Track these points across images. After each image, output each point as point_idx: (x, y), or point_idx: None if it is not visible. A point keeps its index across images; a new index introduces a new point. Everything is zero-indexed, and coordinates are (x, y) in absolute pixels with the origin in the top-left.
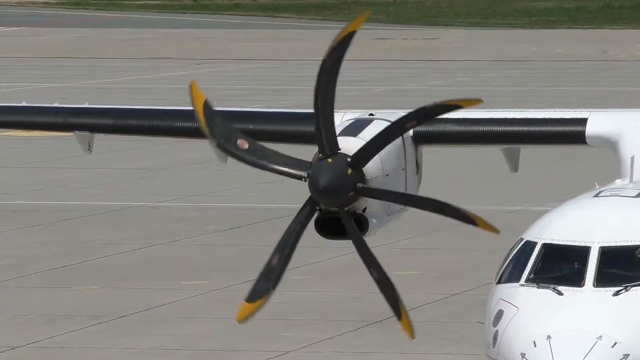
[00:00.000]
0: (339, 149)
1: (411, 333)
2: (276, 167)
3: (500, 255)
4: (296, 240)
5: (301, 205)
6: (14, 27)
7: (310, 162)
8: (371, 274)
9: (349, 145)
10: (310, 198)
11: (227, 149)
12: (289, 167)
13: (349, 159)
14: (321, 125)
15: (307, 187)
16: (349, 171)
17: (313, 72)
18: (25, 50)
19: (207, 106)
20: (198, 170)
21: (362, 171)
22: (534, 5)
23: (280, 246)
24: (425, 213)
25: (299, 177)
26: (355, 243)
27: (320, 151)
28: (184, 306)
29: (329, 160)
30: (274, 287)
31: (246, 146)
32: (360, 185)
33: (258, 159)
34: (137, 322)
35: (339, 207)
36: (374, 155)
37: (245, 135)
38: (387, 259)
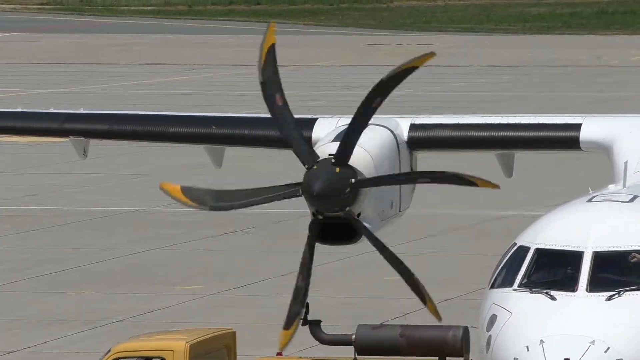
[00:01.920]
0: (332, 154)
1: (438, 315)
2: (271, 197)
3: (494, 260)
4: (311, 257)
5: (295, 209)
6: (8, 32)
7: (300, 182)
8: (393, 266)
9: (332, 150)
10: (313, 213)
11: (222, 207)
12: (282, 191)
13: (333, 160)
14: (293, 142)
15: (305, 202)
16: (337, 170)
17: (308, 76)
18: (20, 56)
19: (184, 190)
20: (193, 175)
21: (351, 167)
22: (527, 11)
23: (301, 267)
24: (421, 219)
25: (294, 195)
26: (369, 239)
27: (303, 162)
28: (178, 311)
29: (315, 167)
30: (302, 306)
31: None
32: (353, 180)
33: (252, 199)
34: (132, 327)
35: (340, 208)
36: (354, 145)
37: (227, 192)
38: (382, 263)
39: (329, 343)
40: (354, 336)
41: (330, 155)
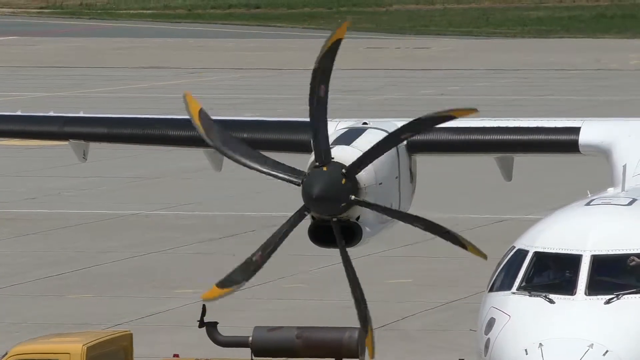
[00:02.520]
0: (332, 157)
1: (371, 352)
2: (272, 170)
3: (493, 263)
4: (280, 241)
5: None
6: (8, 36)
7: (304, 171)
8: (350, 287)
9: (342, 154)
10: (303, 205)
11: (225, 152)
12: (284, 172)
13: (344, 170)
14: (317, 134)
15: (301, 194)
16: (343, 181)
17: (307, 80)
18: (20, 59)
19: (202, 114)
20: (192, 178)
21: (356, 181)
22: (526, 15)
23: (265, 245)
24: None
25: (294, 183)
26: (341, 254)
27: (316, 159)
28: (177, 314)
29: (324, 168)
30: (247, 279)
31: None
32: (352, 197)
33: (255, 163)
34: (132, 330)
35: (330, 215)
36: (368, 164)
37: (240, 141)
38: (382, 267)
39: (226, 345)
40: (250, 338)
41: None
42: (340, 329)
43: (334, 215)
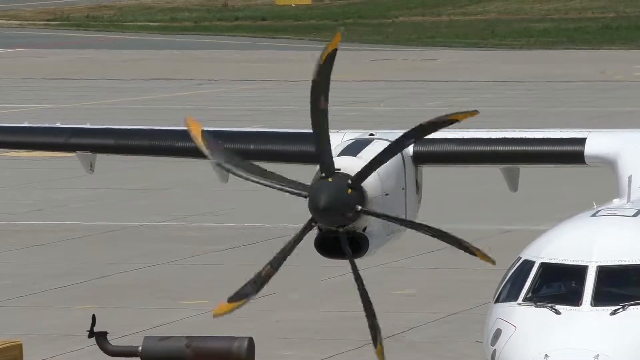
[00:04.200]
0: (338, 168)
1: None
2: (278, 184)
3: (499, 274)
4: (288, 254)
5: (302, 224)
6: (15, 48)
7: (309, 184)
8: (361, 297)
9: (349, 165)
10: (311, 217)
11: (226, 168)
12: (289, 186)
13: (349, 180)
14: (319, 146)
15: (307, 206)
16: (349, 191)
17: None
18: (26, 71)
19: (205, 133)
20: (198, 190)
21: (362, 191)
22: (532, 26)
23: (274, 260)
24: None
25: (300, 195)
26: (351, 264)
27: (321, 170)
28: (184, 325)
29: (329, 179)
30: (256, 292)
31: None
32: (359, 207)
33: (261, 178)
34: (138, 342)
35: (337, 226)
36: (373, 172)
37: (243, 158)
38: (387, 277)
39: (116, 354)
40: (140, 347)
41: (336, 169)
42: (230, 338)
43: (341, 225)
